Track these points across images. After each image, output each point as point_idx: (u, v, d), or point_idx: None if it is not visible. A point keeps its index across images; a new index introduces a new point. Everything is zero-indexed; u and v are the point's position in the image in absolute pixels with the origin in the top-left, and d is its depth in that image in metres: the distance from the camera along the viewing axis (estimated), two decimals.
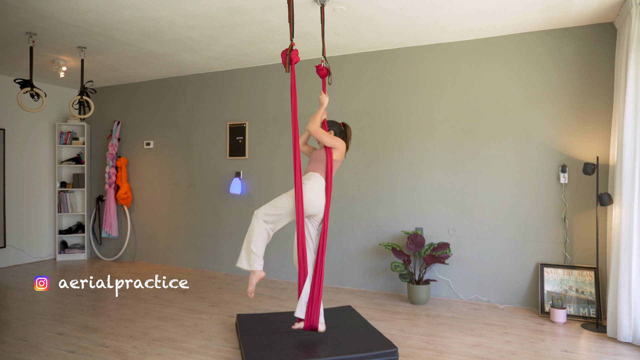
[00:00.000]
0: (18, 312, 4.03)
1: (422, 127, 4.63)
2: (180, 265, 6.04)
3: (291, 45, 2.75)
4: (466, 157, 4.45)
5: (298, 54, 2.78)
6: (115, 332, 3.53)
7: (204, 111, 5.89)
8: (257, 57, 5.11)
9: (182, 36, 4.38)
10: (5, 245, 5.99)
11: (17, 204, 6.14)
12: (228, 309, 4.16)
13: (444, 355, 3.10)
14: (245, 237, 3.09)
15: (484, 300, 4.37)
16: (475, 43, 4.42)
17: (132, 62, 5.36)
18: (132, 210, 6.46)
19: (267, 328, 3.38)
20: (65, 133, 6.58)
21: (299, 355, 2.89)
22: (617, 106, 3.52)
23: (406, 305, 4.32)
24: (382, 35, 4.36)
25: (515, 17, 3.85)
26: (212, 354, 3.13)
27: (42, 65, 5.32)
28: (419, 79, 4.66)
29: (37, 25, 4.05)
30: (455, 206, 4.49)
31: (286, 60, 2.77)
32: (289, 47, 2.76)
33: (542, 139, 4.17)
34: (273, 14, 3.78)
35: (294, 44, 2.77)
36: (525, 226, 4.22)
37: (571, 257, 4.07)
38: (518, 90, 4.26)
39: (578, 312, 3.89)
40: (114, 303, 4.36)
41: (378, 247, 4.77)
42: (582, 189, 4.03)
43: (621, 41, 3.53)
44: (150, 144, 6.32)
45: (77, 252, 6.58)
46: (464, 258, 4.44)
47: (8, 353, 3.11)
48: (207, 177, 5.86)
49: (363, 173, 4.89)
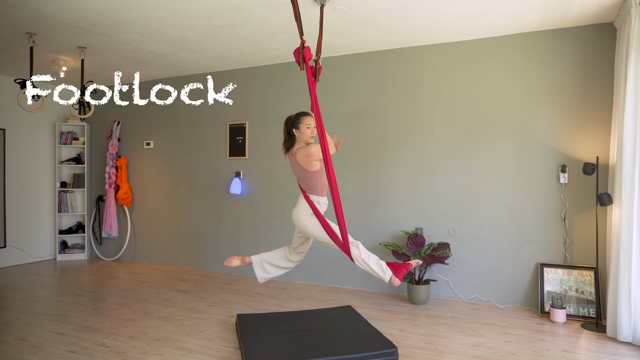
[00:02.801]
0: (18, 312, 4.03)
1: (422, 127, 4.63)
2: (180, 265, 6.04)
3: (302, 43, 2.73)
4: (466, 156, 4.45)
5: (310, 50, 2.76)
6: (115, 332, 3.53)
7: (204, 111, 5.89)
8: (257, 57, 5.11)
9: (182, 36, 4.38)
10: (6, 245, 5.99)
11: (17, 204, 6.15)
12: (228, 309, 4.16)
13: (444, 355, 3.10)
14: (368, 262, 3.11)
15: (483, 300, 4.38)
16: (475, 43, 4.42)
17: (132, 62, 5.36)
18: (132, 210, 6.47)
19: (267, 328, 3.38)
20: (65, 133, 6.58)
21: (299, 355, 2.89)
22: (617, 106, 3.52)
23: (406, 305, 4.32)
24: (382, 35, 4.36)
25: (515, 17, 3.85)
26: (212, 354, 3.13)
27: (42, 65, 5.32)
28: (419, 79, 4.66)
29: (37, 25, 4.06)
30: (455, 206, 4.49)
31: (299, 58, 2.75)
32: (301, 44, 2.74)
33: (542, 139, 4.17)
34: (273, 14, 3.78)
35: (304, 41, 2.75)
36: (525, 226, 4.23)
37: (571, 257, 4.07)
38: (518, 90, 4.26)
39: (578, 312, 3.89)
40: (114, 303, 4.37)
41: (378, 247, 4.77)
42: (582, 189, 4.03)
43: (621, 41, 3.53)
44: (150, 144, 6.32)
45: (77, 252, 6.58)
46: (464, 258, 4.44)
47: (8, 353, 3.12)
48: (207, 177, 5.86)
49: (363, 173, 4.90)
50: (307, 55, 2.76)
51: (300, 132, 3.03)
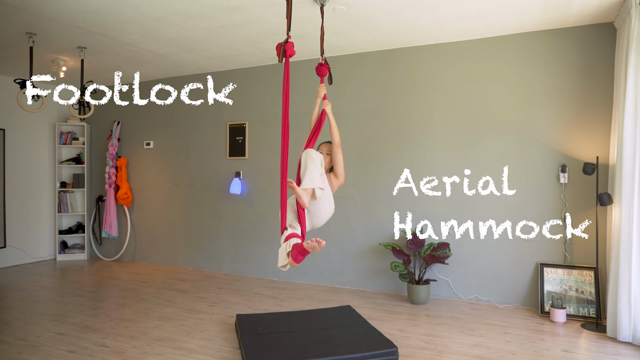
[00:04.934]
0: (18, 312, 4.03)
1: (422, 127, 4.63)
2: (180, 265, 6.04)
3: (287, 38, 2.74)
4: (466, 156, 4.45)
5: (294, 47, 2.76)
6: (115, 332, 3.53)
7: (204, 111, 5.89)
8: (256, 57, 5.11)
9: (182, 36, 4.38)
10: (6, 245, 5.99)
11: (17, 204, 6.14)
12: (228, 309, 4.16)
13: (444, 355, 3.10)
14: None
15: (483, 300, 4.37)
16: (475, 43, 4.42)
17: (132, 62, 5.36)
18: (132, 210, 6.47)
19: (267, 328, 3.38)
20: (65, 133, 6.58)
21: (299, 355, 2.89)
22: (617, 106, 3.52)
23: (406, 305, 4.32)
24: (382, 35, 4.36)
25: (515, 17, 3.85)
26: (212, 354, 3.13)
27: (42, 65, 5.32)
28: (419, 79, 4.66)
29: (37, 25, 4.06)
30: (455, 206, 4.49)
31: (280, 51, 2.74)
32: (285, 39, 2.75)
33: (542, 139, 4.17)
34: (273, 14, 3.78)
35: (289, 37, 2.76)
36: (525, 226, 4.22)
37: (571, 257, 4.07)
38: (518, 90, 4.26)
39: (578, 312, 3.89)
40: (114, 303, 4.37)
41: (378, 247, 4.77)
42: (582, 188, 4.03)
43: (621, 41, 3.53)
44: (150, 144, 6.32)
45: (77, 252, 6.58)
46: (464, 258, 4.44)
47: (8, 353, 3.12)
48: (207, 177, 5.86)
49: (363, 173, 4.90)
50: (290, 51, 2.75)
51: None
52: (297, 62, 5.19)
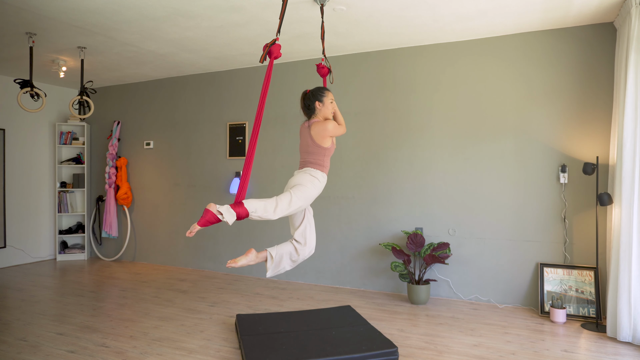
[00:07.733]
0: (18, 312, 4.03)
1: (422, 127, 4.63)
2: (180, 265, 6.04)
3: (274, 40, 2.74)
4: (466, 156, 4.45)
5: (280, 49, 2.75)
6: (115, 332, 3.53)
7: (204, 111, 5.89)
8: (256, 57, 5.11)
9: (182, 36, 4.38)
10: (5, 245, 5.99)
11: (17, 204, 6.14)
12: (228, 309, 4.16)
13: (444, 355, 3.10)
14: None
15: (483, 300, 4.38)
16: (475, 43, 4.42)
17: (132, 62, 5.36)
18: (132, 210, 6.47)
19: (267, 328, 3.38)
20: (65, 133, 6.58)
21: (299, 355, 2.89)
22: (617, 106, 3.52)
23: (406, 305, 4.32)
24: (382, 35, 4.36)
25: (515, 17, 3.85)
26: (212, 354, 3.13)
27: (42, 65, 5.32)
28: (419, 79, 4.66)
29: (37, 25, 4.05)
30: (455, 206, 4.49)
31: (265, 52, 2.73)
32: (272, 40, 2.74)
33: (542, 139, 4.17)
34: (273, 14, 3.78)
35: (277, 39, 2.76)
36: (525, 226, 4.22)
37: (571, 257, 4.07)
38: (518, 90, 4.26)
39: (578, 312, 3.89)
40: (114, 303, 4.37)
41: (378, 247, 4.77)
42: (582, 188, 4.03)
43: (621, 41, 3.53)
44: (150, 144, 6.32)
45: (77, 252, 6.58)
46: (464, 258, 4.44)
47: (8, 353, 3.12)
48: (207, 177, 5.86)
49: (362, 173, 4.90)
50: (276, 53, 2.73)
51: (324, 105, 3.00)
52: (297, 62, 5.20)
